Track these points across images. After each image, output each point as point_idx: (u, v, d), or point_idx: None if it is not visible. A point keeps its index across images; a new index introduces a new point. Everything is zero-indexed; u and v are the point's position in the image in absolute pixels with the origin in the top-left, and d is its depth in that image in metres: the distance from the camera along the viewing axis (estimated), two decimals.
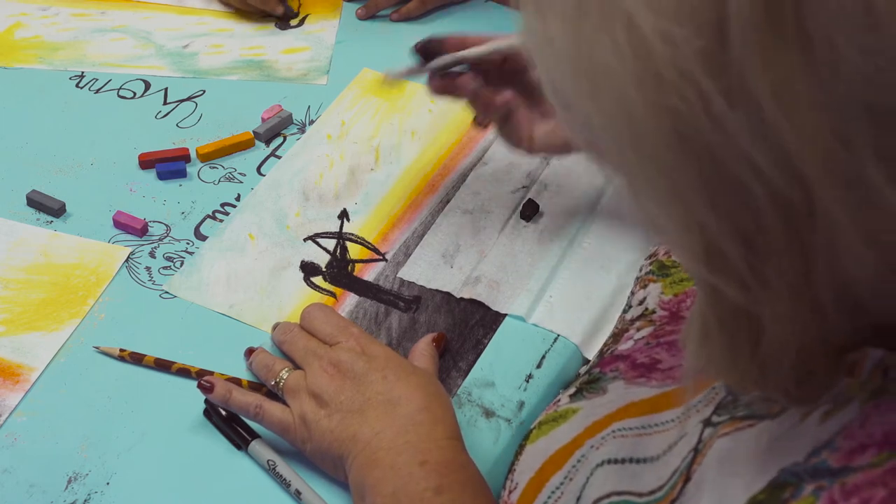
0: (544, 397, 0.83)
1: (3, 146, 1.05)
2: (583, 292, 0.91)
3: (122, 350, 0.85)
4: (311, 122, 1.09)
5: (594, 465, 0.61)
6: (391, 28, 1.24)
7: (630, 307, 0.79)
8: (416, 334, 0.87)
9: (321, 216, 0.99)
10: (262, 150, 1.06)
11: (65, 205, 0.98)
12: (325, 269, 0.94)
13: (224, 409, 0.80)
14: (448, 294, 0.91)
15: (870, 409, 0.43)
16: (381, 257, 0.95)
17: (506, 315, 0.89)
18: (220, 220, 0.98)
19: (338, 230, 0.98)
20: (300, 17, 1.25)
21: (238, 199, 1.00)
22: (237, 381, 0.82)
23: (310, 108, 1.11)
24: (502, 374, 0.85)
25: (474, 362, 0.86)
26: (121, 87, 1.13)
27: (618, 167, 0.42)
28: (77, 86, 1.13)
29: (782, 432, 0.48)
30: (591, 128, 0.40)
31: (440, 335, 0.85)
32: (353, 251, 0.96)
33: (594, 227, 0.97)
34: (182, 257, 0.94)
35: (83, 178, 1.02)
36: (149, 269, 0.93)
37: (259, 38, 1.22)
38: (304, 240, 0.97)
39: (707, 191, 0.38)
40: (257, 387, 0.82)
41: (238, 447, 0.79)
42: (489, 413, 0.82)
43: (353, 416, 0.74)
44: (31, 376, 0.83)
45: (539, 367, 0.85)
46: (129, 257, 0.93)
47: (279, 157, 1.05)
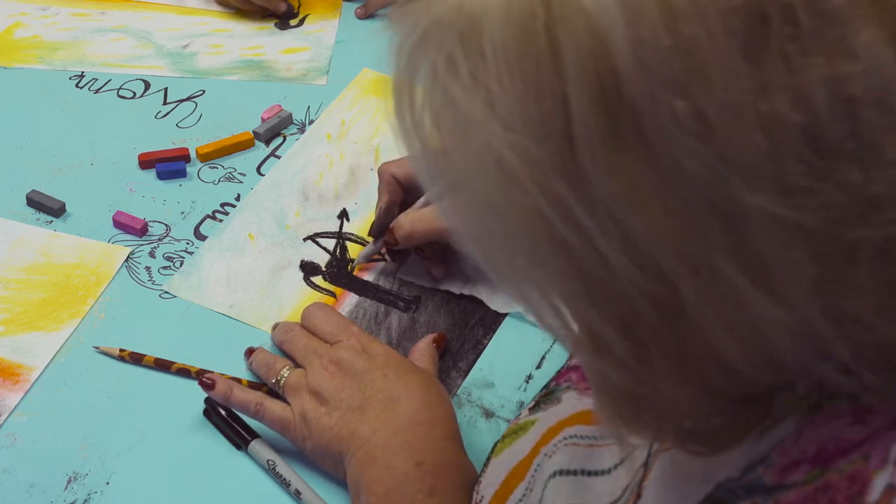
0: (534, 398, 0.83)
1: (3, 146, 1.05)
2: None
3: (121, 350, 0.85)
4: (311, 122, 1.09)
5: (548, 476, 0.61)
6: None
7: None
8: (416, 334, 0.87)
9: (321, 216, 0.99)
10: (261, 150, 1.06)
11: (65, 205, 0.98)
12: (324, 269, 0.94)
13: (224, 409, 0.80)
14: (448, 294, 0.91)
15: (805, 424, 0.44)
16: (381, 257, 0.95)
17: (506, 315, 0.89)
18: (220, 220, 0.98)
19: (337, 230, 0.98)
20: (300, 17, 1.25)
21: (238, 199, 1.00)
22: (237, 381, 0.82)
23: (310, 108, 1.11)
24: (502, 374, 0.85)
25: (474, 362, 0.86)
26: (121, 87, 1.13)
27: (496, 259, 0.43)
28: (77, 86, 1.13)
29: None
30: (466, 226, 0.43)
31: (440, 336, 0.86)
32: (353, 251, 0.96)
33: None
34: (182, 257, 0.94)
35: (83, 178, 1.02)
36: (149, 269, 0.93)
37: (259, 38, 1.22)
38: (304, 239, 0.97)
39: (581, 285, 0.40)
40: (257, 387, 0.82)
41: (238, 447, 0.79)
42: (489, 413, 0.82)
43: (352, 414, 0.74)
44: (31, 376, 0.83)
45: (539, 367, 0.85)
46: (128, 257, 0.93)
47: (279, 157, 1.05)
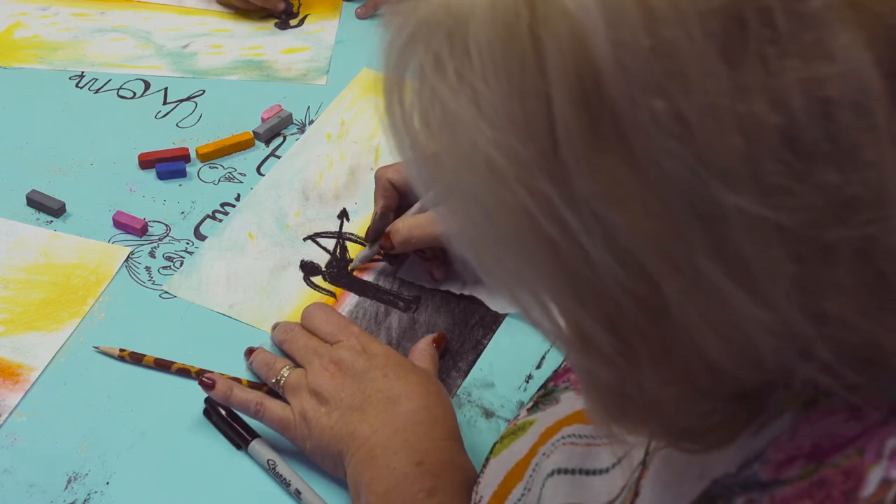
0: (531, 398, 0.83)
1: (3, 146, 1.05)
2: None
3: (121, 350, 0.85)
4: (311, 122, 1.09)
5: (546, 475, 0.61)
6: None
7: None
8: (416, 334, 0.87)
9: (321, 216, 0.99)
10: (261, 150, 1.06)
11: (65, 205, 0.98)
12: (324, 269, 0.94)
13: (224, 409, 0.80)
14: (448, 294, 0.91)
15: (801, 420, 0.44)
16: (380, 258, 0.95)
17: (506, 315, 0.89)
18: (220, 220, 0.98)
19: (337, 230, 0.98)
20: (300, 16, 1.25)
21: (238, 198, 1.00)
22: (237, 381, 0.82)
23: (310, 108, 1.11)
24: (502, 374, 0.85)
25: (474, 362, 0.86)
26: (121, 87, 1.13)
27: (483, 258, 0.44)
28: (77, 86, 1.13)
29: None
30: (456, 222, 0.43)
31: (440, 336, 0.86)
32: (353, 251, 0.96)
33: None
34: (182, 257, 0.94)
35: (83, 178, 1.02)
36: (149, 268, 0.93)
37: (259, 38, 1.22)
38: (304, 239, 0.97)
39: (567, 282, 0.40)
40: (257, 387, 0.82)
41: (238, 447, 0.79)
42: (489, 413, 0.82)
43: (352, 414, 0.74)
44: (31, 376, 0.83)
45: (539, 367, 0.85)
46: (128, 257, 0.93)
47: (279, 157, 1.05)
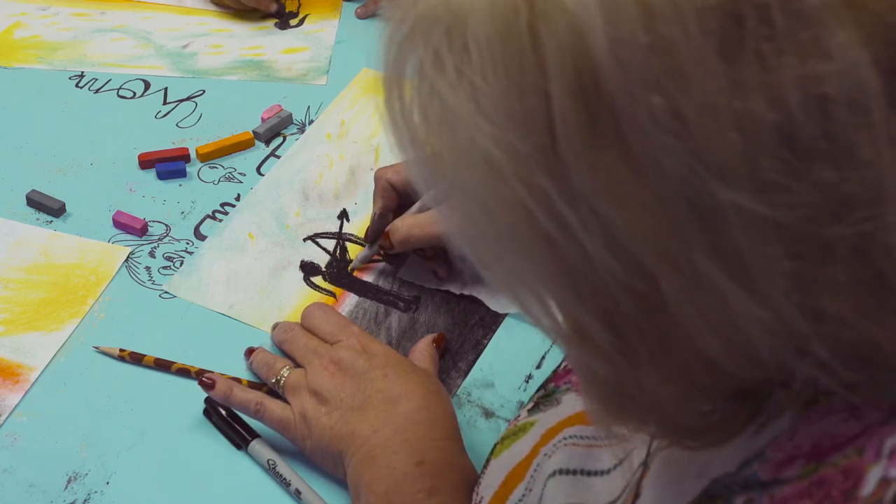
0: (531, 398, 0.83)
1: (3, 146, 1.05)
2: None
3: (121, 350, 0.85)
4: (311, 122, 1.09)
5: (547, 475, 0.61)
6: None
7: None
8: (416, 334, 0.87)
9: (321, 216, 0.99)
10: (261, 150, 1.06)
11: (65, 205, 0.98)
12: (324, 269, 0.94)
13: (224, 409, 0.80)
14: (448, 294, 0.91)
15: (801, 420, 0.44)
16: (380, 258, 0.95)
17: (506, 315, 0.89)
18: (220, 220, 0.98)
19: (337, 230, 0.98)
20: (300, 17, 1.25)
21: (238, 198, 1.00)
22: (237, 381, 0.82)
23: (309, 108, 1.11)
24: (502, 374, 0.85)
25: (474, 362, 0.86)
26: (121, 87, 1.13)
27: (482, 254, 0.44)
28: (77, 86, 1.13)
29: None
30: (455, 219, 0.43)
31: (440, 336, 0.86)
32: (353, 251, 0.96)
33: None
34: (182, 257, 0.94)
35: (83, 178, 1.02)
36: (149, 268, 0.93)
37: (259, 38, 1.22)
38: (304, 240, 0.97)
39: (565, 278, 0.40)
40: (257, 387, 0.82)
41: (238, 447, 0.79)
42: (489, 413, 0.82)
43: (352, 414, 0.74)
44: (31, 376, 0.83)
45: (539, 367, 0.85)
46: (128, 257, 0.93)
47: (279, 157, 1.05)
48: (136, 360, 0.84)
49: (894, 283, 0.37)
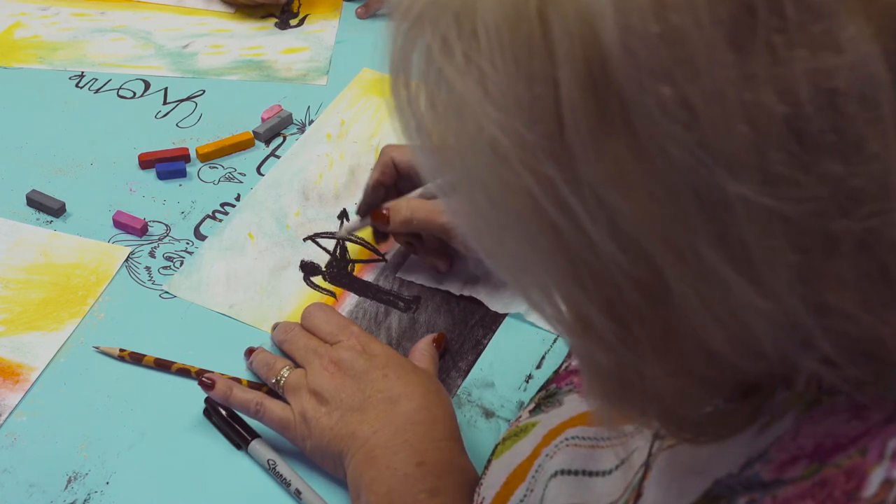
0: (533, 399, 0.83)
1: (3, 146, 1.05)
2: None
3: (121, 350, 0.85)
4: (311, 122, 1.09)
5: (548, 476, 0.61)
6: None
7: None
8: (416, 334, 0.87)
9: (321, 216, 0.99)
10: (261, 150, 1.06)
11: (65, 205, 0.98)
12: (324, 269, 0.94)
13: (224, 409, 0.80)
14: (448, 294, 0.91)
15: (804, 420, 0.44)
16: (380, 257, 0.95)
17: (505, 315, 0.89)
18: (220, 220, 0.98)
19: (338, 230, 0.98)
20: (300, 16, 1.25)
21: (238, 199, 1.00)
22: (237, 381, 0.82)
23: (310, 108, 1.11)
24: (502, 374, 0.85)
25: (474, 362, 0.86)
26: (121, 87, 1.13)
27: (487, 243, 0.44)
28: (77, 86, 1.13)
29: (720, 442, 0.49)
30: (458, 205, 0.43)
31: (440, 335, 0.86)
32: (353, 251, 0.96)
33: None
34: (182, 257, 0.94)
35: (83, 178, 1.02)
36: (149, 268, 0.93)
37: (259, 39, 1.22)
38: (304, 240, 0.97)
39: (569, 266, 0.40)
40: (257, 387, 0.82)
41: (238, 447, 0.79)
42: (489, 413, 0.82)
43: (352, 414, 0.74)
44: (31, 376, 0.83)
45: (539, 367, 0.85)
46: (128, 257, 0.93)
47: (279, 157, 1.05)
48: (136, 360, 0.84)
49: None
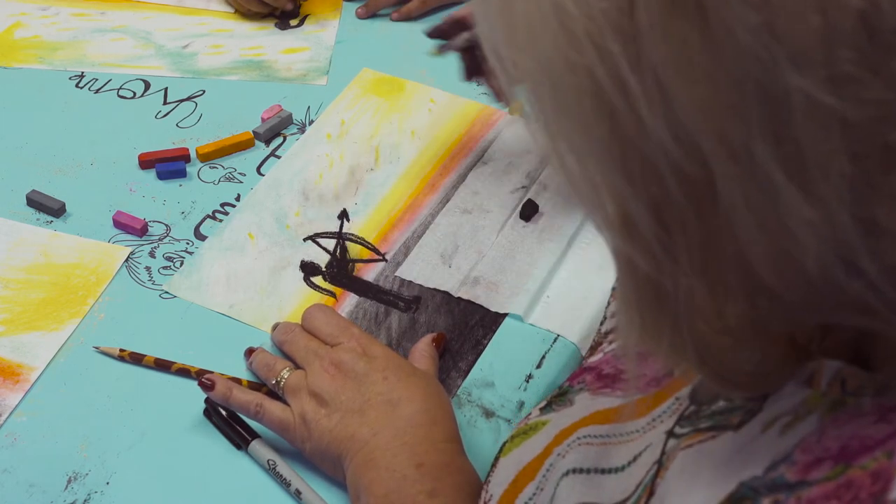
0: (544, 397, 0.83)
1: (3, 146, 1.05)
2: (581, 292, 0.91)
3: (121, 350, 0.85)
4: (311, 123, 1.09)
5: (560, 475, 0.61)
6: (391, 28, 1.24)
7: (605, 319, 0.79)
8: (416, 334, 0.87)
9: (321, 216, 0.99)
10: (261, 150, 1.06)
11: (65, 205, 0.98)
12: (324, 269, 0.94)
13: (224, 409, 0.80)
14: (448, 294, 0.91)
15: (828, 422, 0.43)
16: (381, 257, 0.95)
17: (505, 315, 0.89)
18: (220, 220, 0.98)
19: (337, 230, 0.98)
20: (300, 16, 1.25)
21: (238, 199, 1.00)
22: (237, 381, 0.82)
23: (310, 108, 1.11)
24: (502, 374, 0.85)
25: (474, 362, 0.86)
26: (121, 87, 1.13)
27: (542, 123, 0.43)
28: (77, 86, 1.13)
29: (743, 444, 0.48)
30: (517, 80, 0.42)
31: (440, 335, 0.86)
32: (353, 251, 0.96)
33: (593, 226, 0.97)
34: (182, 257, 0.94)
35: (83, 178, 1.02)
36: (149, 269, 0.93)
37: (259, 39, 1.22)
38: (304, 240, 0.97)
39: (619, 156, 0.39)
40: (257, 387, 0.82)
41: (238, 447, 0.79)
42: (489, 413, 0.82)
43: (352, 416, 0.74)
44: (31, 376, 0.83)
45: (539, 367, 0.85)
46: (128, 257, 0.93)
47: (279, 157, 1.05)
48: (136, 360, 0.84)
49: None
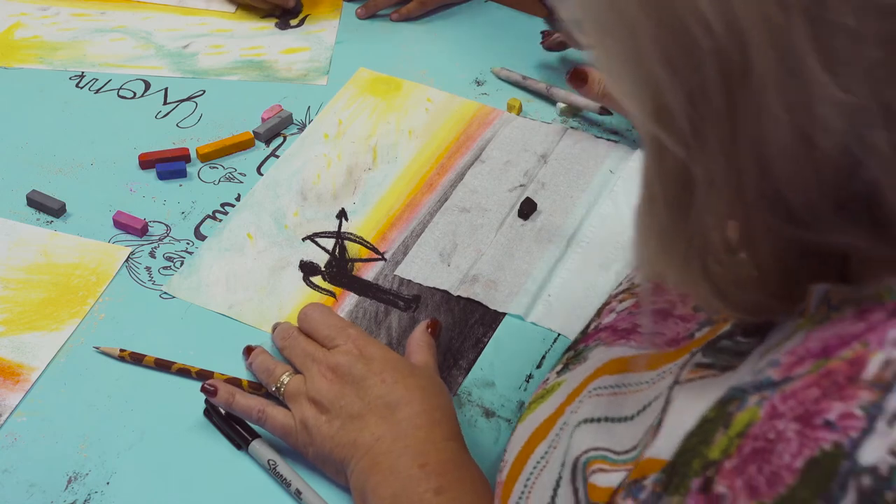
0: (560, 360, 0.82)
1: (3, 146, 1.05)
2: (581, 291, 0.91)
3: (122, 350, 0.85)
4: (311, 122, 1.09)
5: (573, 427, 0.61)
6: (391, 28, 1.24)
7: (620, 286, 0.79)
8: None
9: (319, 216, 0.99)
10: (262, 150, 1.06)
11: (65, 205, 0.98)
12: (324, 269, 0.94)
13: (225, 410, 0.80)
14: (447, 293, 0.91)
15: (811, 332, 0.45)
16: (380, 257, 0.95)
17: (505, 314, 0.89)
18: (220, 221, 0.98)
19: (336, 230, 0.98)
20: (300, 16, 1.25)
21: (238, 199, 1.00)
22: (237, 382, 0.82)
23: (310, 108, 1.11)
24: (502, 373, 0.85)
25: (474, 361, 0.86)
26: (121, 87, 1.13)
27: (591, 20, 0.45)
28: (77, 86, 1.13)
29: (735, 368, 0.50)
30: None
31: (433, 322, 0.85)
32: (353, 250, 0.96)
33: (592, 225, 0.97)
34: (182, 257, 0.94)
35: (83, 178, 1.02)
36: (149, 269, 0.93)
37: (259, 39, 1.22)
38: (303, 239, 0.97)
39: (662, 43, 0.41)
40: (257, 387, 0.82)
41: (238, 447, 0.79)
42: (489, 413, 0.82)
43: (353, 422, 0.74)
44: (32, 376, 0.83)
45: (539, 366, 0.85)
46: (129, 257, 0.94)
47: (279, 157, 1.05)
48: (137, 360, 0.84)
49: None
